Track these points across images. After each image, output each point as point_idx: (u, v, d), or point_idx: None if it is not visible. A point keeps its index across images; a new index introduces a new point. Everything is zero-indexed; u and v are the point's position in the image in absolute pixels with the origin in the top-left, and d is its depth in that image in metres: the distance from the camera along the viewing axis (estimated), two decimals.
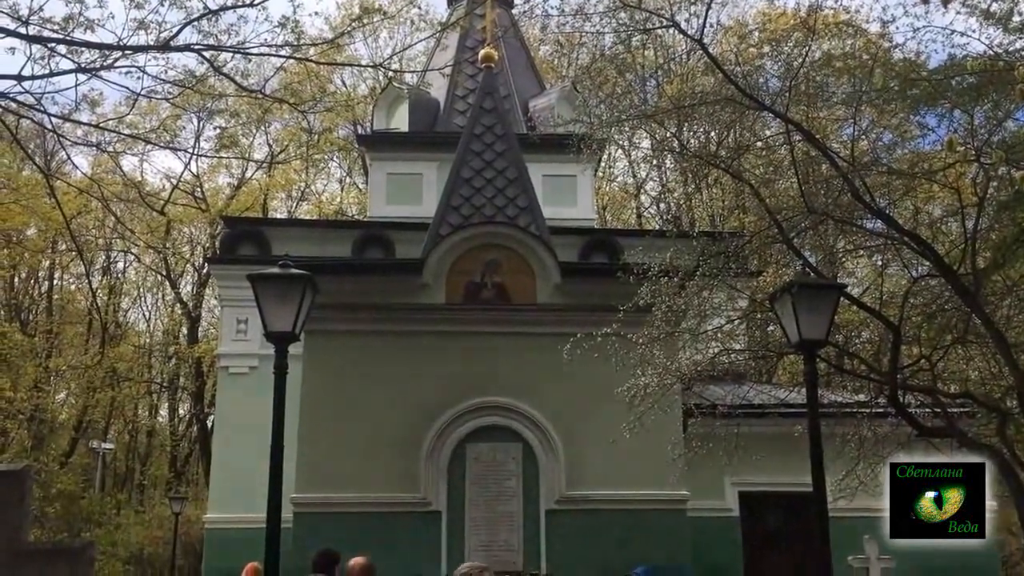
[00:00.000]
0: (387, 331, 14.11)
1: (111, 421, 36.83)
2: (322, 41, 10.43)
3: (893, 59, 9.69)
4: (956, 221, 10.11)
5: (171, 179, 30.89)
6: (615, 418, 11.37)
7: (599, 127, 10.84)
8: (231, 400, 18.13)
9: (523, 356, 13.94)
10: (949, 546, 6.69)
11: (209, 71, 9.58)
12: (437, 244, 14.54)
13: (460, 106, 21.55)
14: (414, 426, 13.66)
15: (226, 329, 19.02)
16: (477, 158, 15.62)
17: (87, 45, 8.67)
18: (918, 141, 10.69)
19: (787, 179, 10.58)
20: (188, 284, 35.86)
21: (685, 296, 10.21)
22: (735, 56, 10.47)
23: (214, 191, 33.48)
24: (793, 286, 8.46)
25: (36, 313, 35.58)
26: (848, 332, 11.91)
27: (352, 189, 36.75)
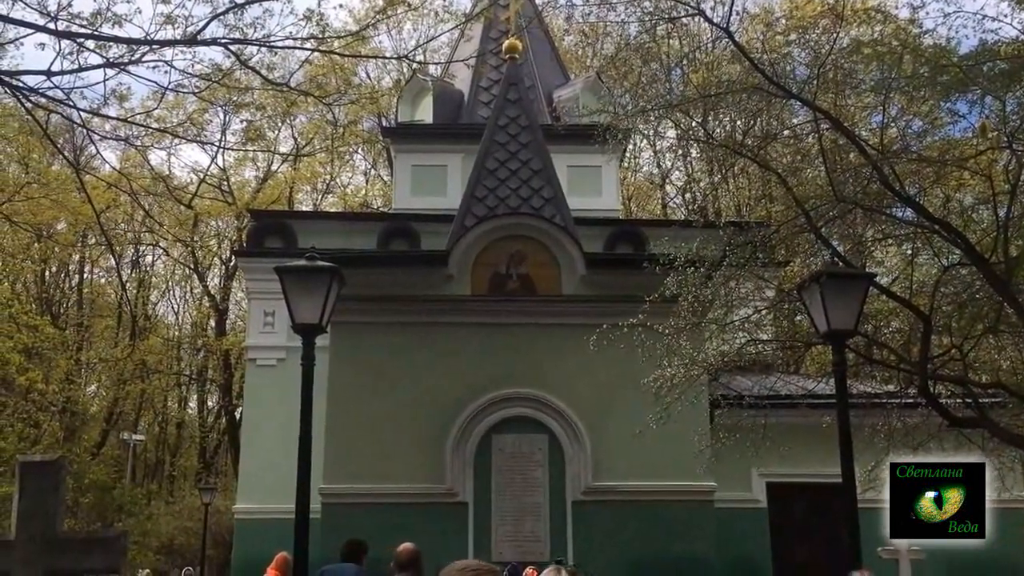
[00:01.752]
0: (413, 323, 14.16)
1: (141, 413, 37.28)
2: (347, 33, 10.43)
3: (923, 45, 9.55)
4: (988, 209, 9.97)
5: (198, 173, 31.14)
6: (641, 409, 11.36)
7: (624, 117, 10.78)
8: (259, 392, 18.26)
9: (549, 347, 13.94)
10: (980, 540, 6.65)
11: (235, 65, 9.61)
12: (462, 236, 14.55)
13: (484, 97, 21.52)
14: (440, 417, 13.71)
15: (253, 322, 19.15)
16: (502, 149, 15.61)
17: (115, 40, 8.73)
18: (948, 128, 10.54)
19: (815, 168, 10.47)
20: (216, 277, 36.20)
21: (712, 286, 10.15)
22: (762, 44, 10.38)
23: (240, 185, 33.72)
24: (821, 275, 8.40)
25: (67, 307, 36.03)
26: (877, 322, 11.79)
27: (377, 181, 36.87)
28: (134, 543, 25.27)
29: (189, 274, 36.64)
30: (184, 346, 38.47)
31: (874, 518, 9.63)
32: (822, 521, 14.55)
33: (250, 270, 19.21)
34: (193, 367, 38.41)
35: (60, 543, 3.76)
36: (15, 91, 9.17)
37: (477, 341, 14.12)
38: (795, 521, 15.50)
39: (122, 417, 35.41)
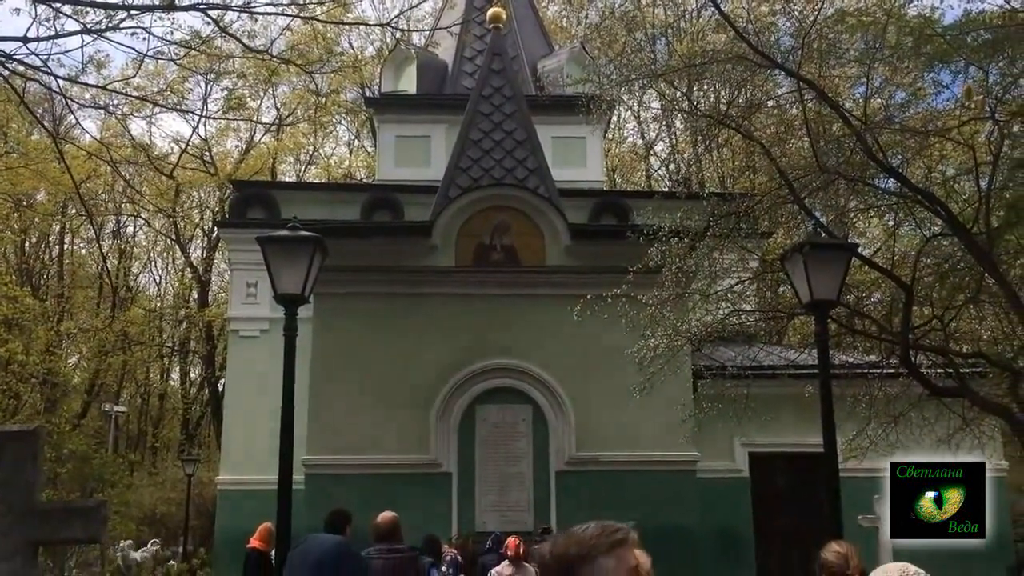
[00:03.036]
0: (396, 293, 14.12)
1: (123, 385, 37.12)
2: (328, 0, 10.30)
3: (907, 15, 9.52)
4: (970, 180, 9.99)
5: (179, 143, 30.85)
6: (625, 379, 11.39)
7: (608, 87, 10.71)
8: (242, 363, 18.21)
9: (533, 318, 13.95)
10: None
11: (215, 32, 9.49)
12: (446, 206, 14.49)
13: (468, 68, 21.36)
14: (424, 388, 13.71)
15: (236, 293, 19.07)
16: (486, 120, 15.52)
17: (92, 5, 8.58)
18: (932, 99, 10.53)
19: (799, 139, 10.45)
20: (198, 248, 35.92)
21: (695, 257, 10.15)
22: (747, 14, 10.31)
23: (223, 155, 33.42)
24: (804, 246, 8.40)
25: (47, 277, 35.72)
26: (859, 292, 11.85)
27: (360, 152, 36.63)
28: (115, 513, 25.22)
29: (171, 245, 36.37)
30: (166, 317, 38.28)
31: (855, 487, 9.74)
32: (804, 490, 14.69)
33: (232, 241, 19.09)
34: (175, 339, 38.24)
35: (39, 513, 3.73)
36: None
37: (461, 312, 14.10)
38: (777, 490, 15.64)
39: (104, 389, 35.25)
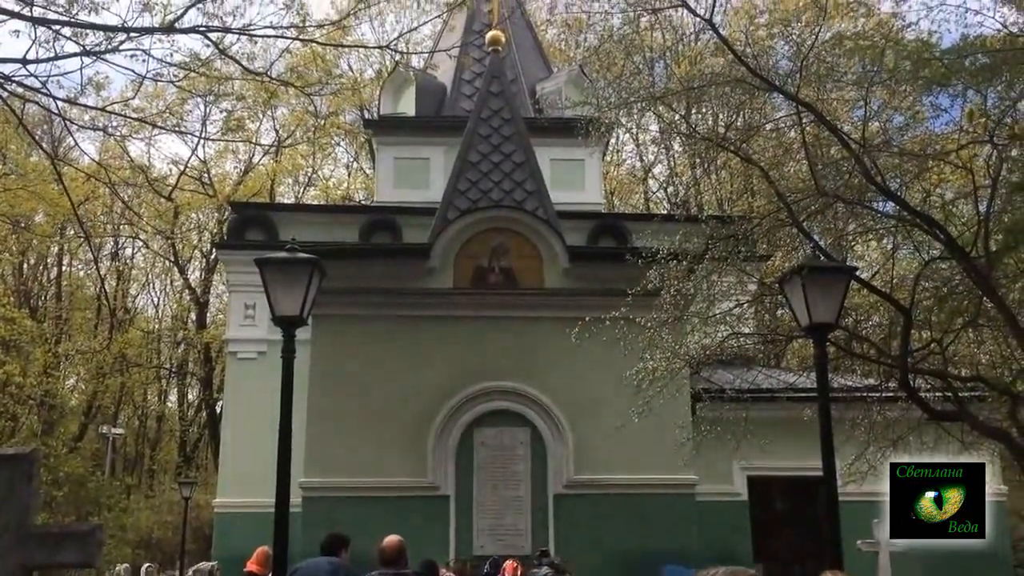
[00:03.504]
0: (395, 315, 14.09)
1: (121, 407, 37.00)
2: (328, 22, 10.34)
3: (905, 39, 9.57)
4: (968, 203, 10.00)
5: (178, 165, 30.90)
6: (623, 402, 11.35)
7: (607, 110, 10.75)
8: (240, 385, 18.16)
9: (531, 340, 13.91)
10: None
11: (215, 54, 9.51)
12: (444, 228, 14.48)
13: (467, 90, 21.45)
14: (422, 411, 13.65)
15: (234, 315, 19.04)
16: (484, 142, 15.55)
17: (92, 27, 8.60)
18: (930, 122, 10.57)
19: (797, 161, 10.48)
20: (196, 270, 35.92)
21: (694, 280, 10.14)
22: (745, 37, 10.37)
23: (221, 177, 33.49)
24: (803, 269, 8.38)
25: (45, 299, 35.69)
26: (858, 316, 11.83)
27: (359, 174, 36.71)
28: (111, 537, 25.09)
29: (169, 267, 36.37)
30: (164, 339, 38.22)
31: (854, 511, 9.69)
32: (803, 514, 14.61)
33: (231, 262, 19.08)
34: (173, 360, 38.16)
35: (33, 537, 3.68)
36: None
37: (459, 334, 14.06)
38: (776, 514, 15.56)
39: (101, 410, 35.15)
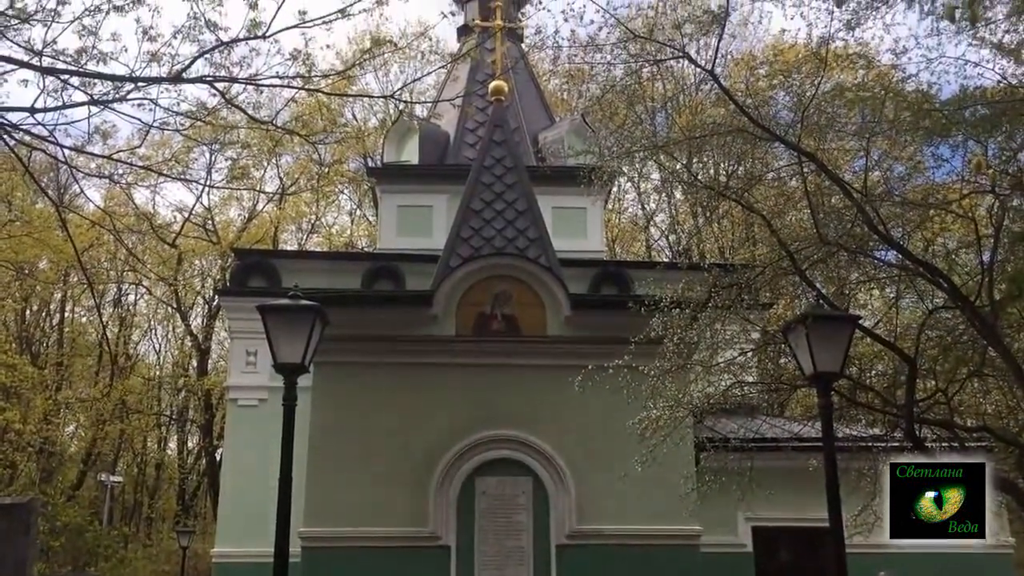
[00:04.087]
0: (397, 363, 14.03)
1: (120, 454, 36.78)
2: (333, 72, 10.46)
3: (905, 90, 9.67)
4: (971, 252, 10.03)
5: (183, 212, 31.11)
6: (626, 451, 11.25)
7: (609, 159, 10.82)
8: (240, 433, 18.03)
9: (533, 388, 13.84)
10: None
11: (221, 103, 9.62)
12: (447, 276, 14.49)
13: (470, 139, 21.61)
14: (424, 459, 13.54)
15: (235, 361, 18.97)
16: (487, 190, 15.63)
17: (100, 77, 8.71)
18: (931, 172, 10.64)
19: (799, 210, 10.53)
20: (198, 316, 35.94)
21: (697, 328, 10.12)
22: (746, 87, 10.48)
23: (225, 223, 33.65)
24: (807, 318, 8.38)
25: (47, 346, 35.66)
26: (862, 364, 11.79)
27: (362, 221, 36.90)
28: None
29: (171, 313, 36.38)
30: (165, 386, 38.11)
31: (861, 563, 9.55)
32: (809, 566, 14.41)
33: (233, 309, 19.06)
34: (174, 407, 38.02)
35: None
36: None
37: (461, 382, 14.00)
38: (782, 566, 15.34)
39: (100, 458, 34.92)
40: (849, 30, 8.84)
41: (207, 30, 8.93)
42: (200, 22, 8.96)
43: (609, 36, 10.24)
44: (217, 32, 8.99)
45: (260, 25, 9.06)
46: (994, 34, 8.92)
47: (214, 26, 8.95)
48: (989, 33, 8.88)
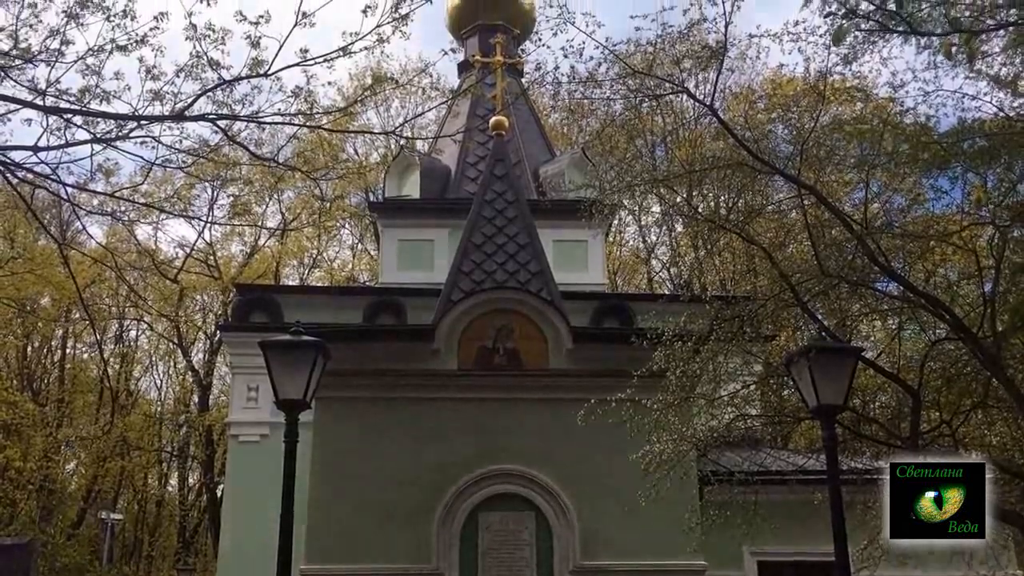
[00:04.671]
0: (399, 398, 13.99)
1: (120, 491, 36.55)
2: (335, 109, 10.55)
3: (903, 123, 9.72)
4: (972, 284, 10.03)
5: (184, 247, 31.15)
6: (630, 485, 11.18)
7: (609, 193, 10.87)
8: (241, 469, 17.94)
9: (536, 422, 13.78)
10: None
11: (223, 140, 9.68)
12: (449, 310, 14.49)
13: (471, 173, 21.71)
14: (426, 494, 13.45)
15: (237, 397, 18.91)
16: (488, 224, 15.66)
17: (103, 116, 8.78)
18: (931, 204, 10.68)
19: (799, 243, 10.56)
20: (200, 352, 35.86)
21: (699, 361, 10.11)
22: (745, 121, 10.55)
23: (227, 259, 33.69)
24: (810, 350, 8.36)
25: (48, 382, 35.57)
26: (865, 396, 11.76)
27: (364, 256, 36.94)
28: None
29: (173, 349, 36.32)
30: (166, 422, 37.96)
31: None
32: None
33: (234, 344, 19.04)
34: (175, 443, 37.83)
35: None
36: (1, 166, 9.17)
37: (463, 416, 13.94)
38: None
39: (101, 495, 34.70)
40: (846, 64, 8.92)
41: (209, 68, 9.01)
42: (203, 60, 9.05)
43: (608, 72, 10.33)
44: (219, 70, 9.08)
45: (262, 63, 9.15)
46: (991, 67, 9.00)
47: (216, 65, 9.04)
48: (986, 66, 8.97)
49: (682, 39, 10.16)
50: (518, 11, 23.88)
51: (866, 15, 8.13)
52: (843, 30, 7.98)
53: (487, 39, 22.28)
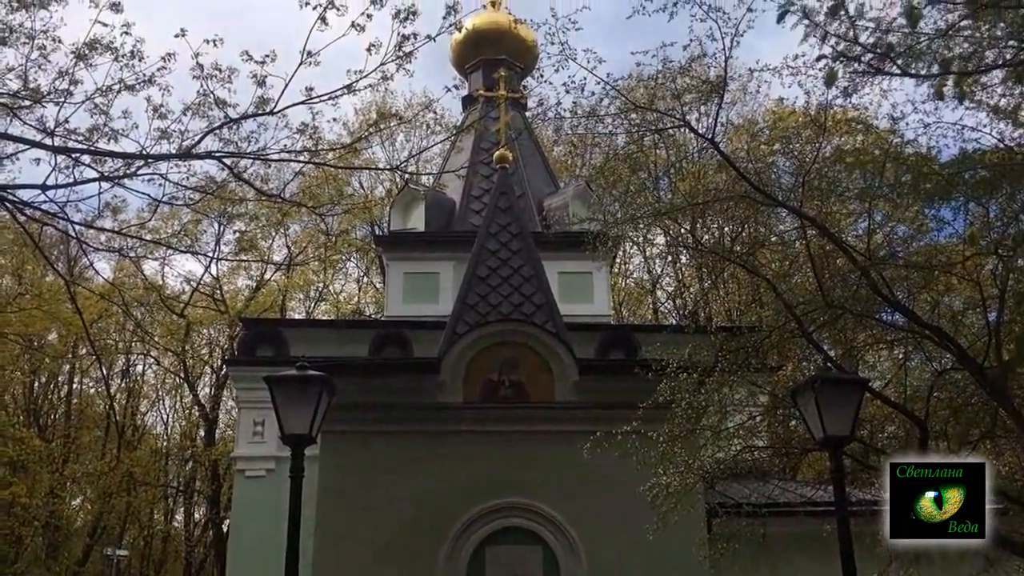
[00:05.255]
0: (405, 431, 13.97)
1: (126, 526, 36.39)
2: (340, 146, 10.66)
3: (905, 153, 9.78)
4: (977, 313, 10.03)
5: (191, 282, 31.27)
6: (638, 518, 11.13)
7: (613, 225, 10.92)
8: (247, 504, 17.89)
9: (542, 455, 13.74)
10: None
11: (229, 177, 9.78)
12: (454, 343, 14.51)
13: (475, 205, 21.81)
14: (432, 529, 13.39)
15: (243, 431, 18.90)
16: (493, 256, 15.72)
17: (111, 155, 8.89)
18: (934, 234, 10.70)
19: (803, 273, 10.57)
20: (206, 386, 35.86)
21: (705, 392, 10.09)
22: (747, 153, 10.61)
23: (233, 293, 33.80)
24: (816, 381, 8.36)
25: (54, 418, 35.56)
26: (873, 427, 11.70)
27: (369, 288, 37.02)
28: None
29: (179, 383, 36.33)
30: (172, 457, 37.87)
31: None
32: None
33: (240, 379, 19.06)
34: (181, 478, 37.72)
35: None
36: (9, 205, 9.27)
37: (470, 449, 13.91)
38: None
39: (107, 531, 34.56)
40: (846, 96, 8.99)
41: (216, 107, 9.12)
42: (209, 99, 9.16)
43: (610, 107, 10.42)
44: (226, 109, 9.19)
45: (268, 101, 9.26)
46: (991, 97, 9.06)
47: (223, 103, 9.15)
48: (986, 96, 9.03)
49: (683, 73, 10.25)
50: (521, 46, 24.12)
51: (856, 58, 8.22)
52: (834, 73, 8.09)
53: (490, 73, 22.47)
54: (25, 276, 26.00)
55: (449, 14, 9.79)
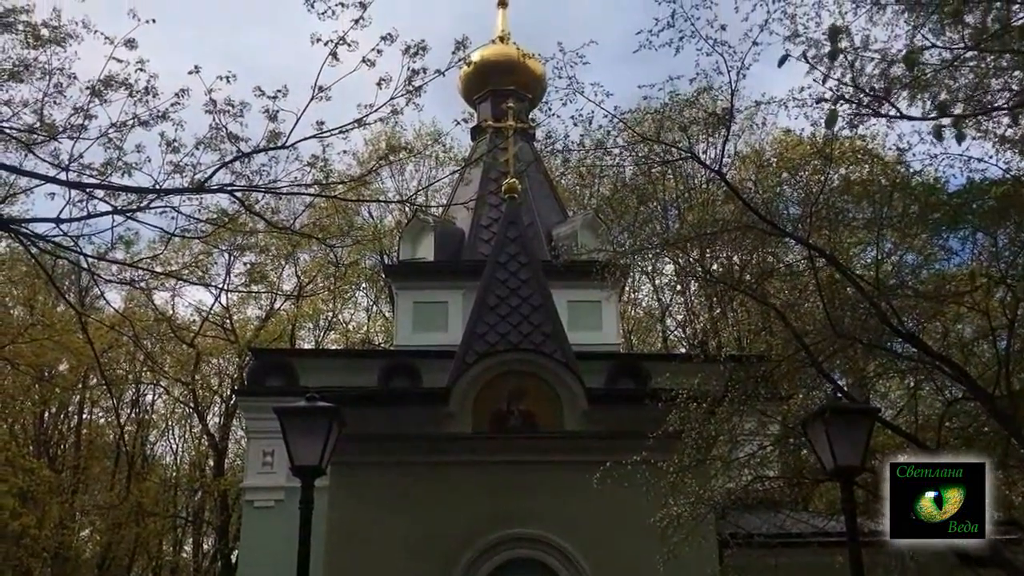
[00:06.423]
0: (414, 461, 13.95)
1: (135, 557, 36.24)
2: (350, 179, 10.75)
3: (912, 183, 9.80)
4: (987, 342, 10.01)
5: (201, 312, 31.36)
6: (648, 549, 11.06)
7: (622, 254, 10.96)
8: (256, 535, 17.83)
9: (552, 485, 13.69)
10: None
11: (241, 210, 9.86)
12: (463, 372, 14.51)
13: (484, 235, 21.88)
14: (442, 560, 13.33)
15: (252, 462, 18.88)
16: (502, 286, 15.75)
17: (124, 189, 8.99)
18: (943, 263, 10.70)
19: (812, 303, 10.57)
20: (215, 416, 35.84)
21: (715, 422, 10.07)
22: (754, 184, 10.65)
23: (243, 323, 33.84)
24: (825, 411, 8.34)
25: (64, 448, 35.55)
26: (884, 456, 11.64)
27: (379, 318, 37.04)
28: None
29: (189, 413, 36.33)
30: (181, 487, 37.78)
31: None
32: None
33: (250, 409, 19.07)
34: (190, 509, 37.60)
35: None
36: (23, 237, 9.36)
37: (479, 480, 13.86)
38: None
39: (115, 562, 34.42)
40: (852, 128, 9.02)
41: (228, 141, 9.22)
42: (222, 133, 9.27)
43: (617, 139, 10.48)
44: (238, 143, 9.29)
45: (279, 135, 9.36)
46: (998, 127, 9.09)
47: (235, 138, 9.25)
48: (993, 125, 9.06)
49: (690, 105, 10.33)
50: (529, 77, 24.28)
51: (854, 100, 8.29)
52: (835, 114, 8.16)
53: (499, 104, 22.61)
54: (37, 307, 26.12)
55: (458, 49, 9.88)
